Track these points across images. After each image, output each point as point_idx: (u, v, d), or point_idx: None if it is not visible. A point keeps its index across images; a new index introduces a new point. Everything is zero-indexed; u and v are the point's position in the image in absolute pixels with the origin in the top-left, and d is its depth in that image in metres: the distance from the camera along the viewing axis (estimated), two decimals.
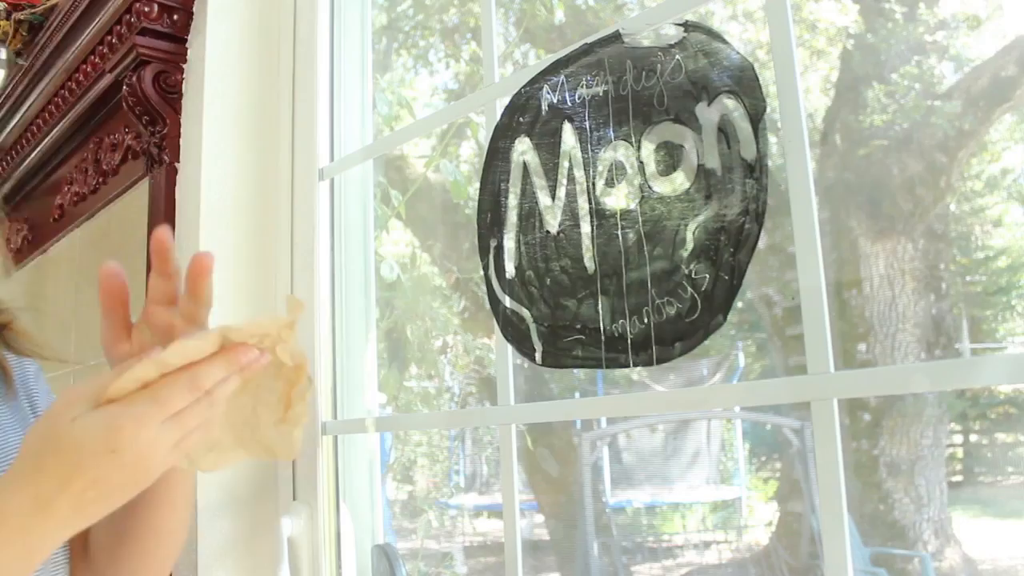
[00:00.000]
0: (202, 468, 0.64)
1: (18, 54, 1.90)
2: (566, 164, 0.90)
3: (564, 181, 0.91)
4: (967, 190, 7.29)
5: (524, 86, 0.96)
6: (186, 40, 1.44)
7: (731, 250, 0.78)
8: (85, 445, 0.54)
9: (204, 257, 0.66)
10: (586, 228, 0.88)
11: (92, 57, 1.60)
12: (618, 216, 0.89)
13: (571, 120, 0.90)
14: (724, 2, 6.68)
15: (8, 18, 1.79)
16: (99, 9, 1.54)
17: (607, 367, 0.88)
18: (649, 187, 0.87)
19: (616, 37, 0.87)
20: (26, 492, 0.53)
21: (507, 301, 0.94)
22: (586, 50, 0.90)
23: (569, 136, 0.90)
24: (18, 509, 0.53)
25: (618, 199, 0.89)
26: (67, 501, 0.54)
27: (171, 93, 1.43)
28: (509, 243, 0.95)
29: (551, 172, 0.92)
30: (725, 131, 0.76)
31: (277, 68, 1.41)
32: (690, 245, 0.83)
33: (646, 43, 0.87)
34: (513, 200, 0.96)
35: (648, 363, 0.84)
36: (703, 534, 7.41)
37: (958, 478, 8.49)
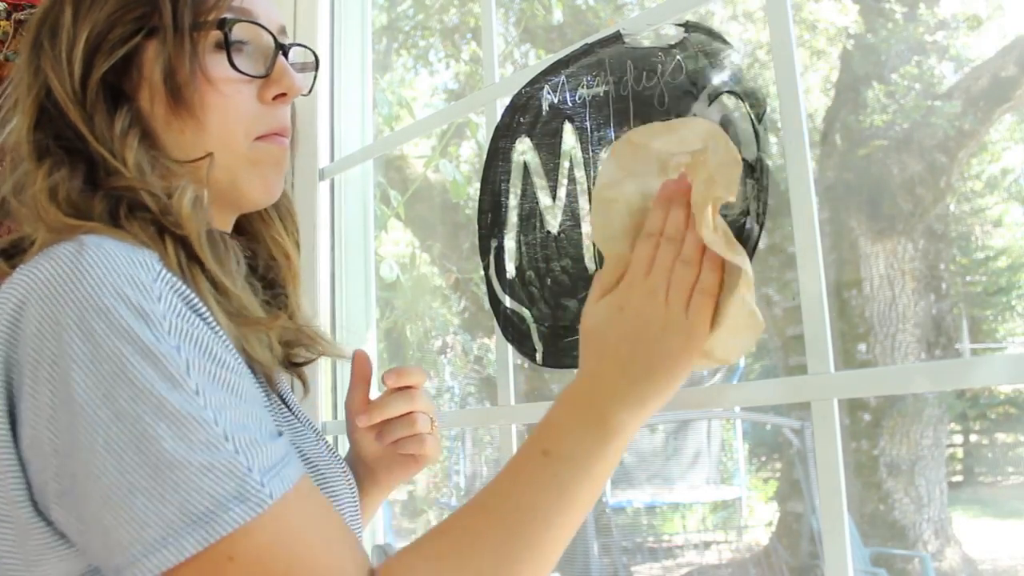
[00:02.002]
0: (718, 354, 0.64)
1: (18, 54, 1.90)
2: (566, 164, 0.90)
3: (565, 181, 0.91)
4: (967, 190, 7.29)
5: (524, 86, 0.96)
6: None
7: None
8: (641, 336, 0.61)
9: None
10: (587, 228, 0.88)
11: None
12: None
13: (571, 120, 0.90)
14: (724, 2, 6.68)
15: (8, 18, 1.79)
16: None
17: None
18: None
19: (617, 38, 0.87)
20: (622, 394, 0.59)
21: (507, 301, 0.94)
22: (586, 50, 0.90)
23: (569, 136, 0.90)
24: (625, 412, 0.59)
25: None
26: (653, 391, 0.60)
27: None
28: (510, 243, 0.95)
29: (552, 172, 0.92)
30: (725, 131, 0.76)
31: None
32: None
33: (646, 43, 0.87)
34: (514, 200, 0.96)
35: None
36: (703, 534, 7.41)
37: (958, 478, 8.50)
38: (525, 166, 0.95)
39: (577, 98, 0.90)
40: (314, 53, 0.79)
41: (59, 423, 0.52)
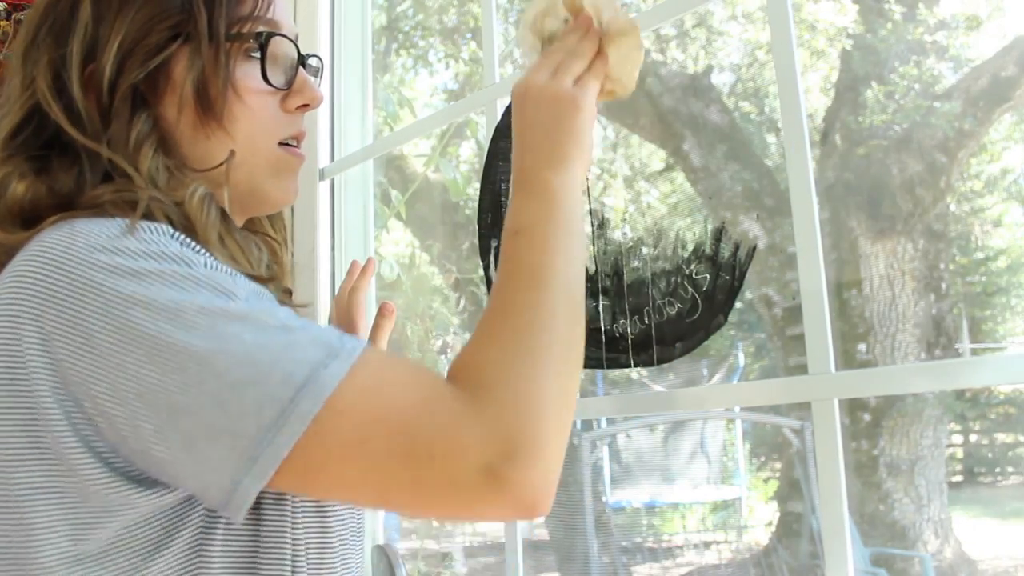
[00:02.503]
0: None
1: None
2: None
3: None
4: (967, 190, 7.29)
5: None
6: None
7: (732, 250, 0.78)
8: (540, 113, 0.68)
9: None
10: (586, 228, 0.88)
11: None
12: (618, 216, 0.89)
13: None
14: (724, 2, 6.68)
15: (8, 18, 1.79)
16: None
17: (608, 367, 0.88)
18: (649, 187, 0.87)
19: None
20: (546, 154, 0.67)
21: None
22: None
23: None
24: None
25: (618, 199, 0.89)
26: (565, 151, 0.67)
27: None
28: None
29: None
30: (726, 132, 0.76)
31: None
32: (691, 245, 0.83)
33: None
34: None
35: (649, 363, 0.84)
36: (703, 534, 7.41)
37: (958, 478, 8.50)
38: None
39: None
40: (321, 60, 0.81)
41: (133, 363, 0.53)
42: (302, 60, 0.74)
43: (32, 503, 0.55)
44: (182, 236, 0.60)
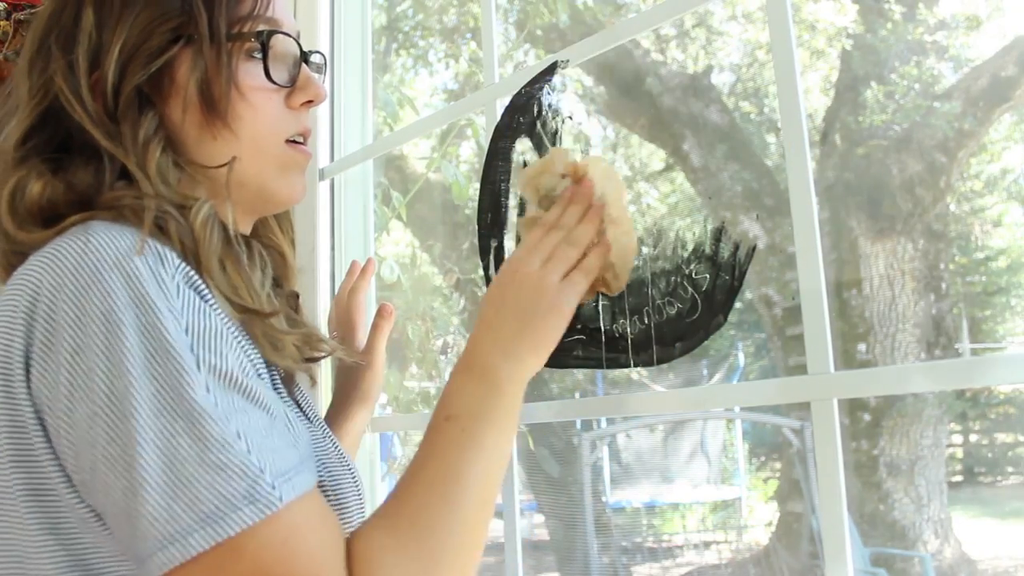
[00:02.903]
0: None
1: (18, 54, 1.90)
2: None
3: None
4: (967, 190, 7.29)
5: (524, 86, 0.96)
6: None
7: (731, 250, 0.78)
8: (517, 301, 0.68)
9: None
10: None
11: None
12: None
13: (571, 120, 0.90)
14: (724, 2, 6.68)
15: (8, 18, 1.79)
16: None
17: (607, 367, 0.88)
18: (649, 186, 0.87)
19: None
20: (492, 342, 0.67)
21: None
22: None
23: (569, 136, 0.90)
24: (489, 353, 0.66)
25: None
26: (526, 347, 0.67)
27: None
28: (510, 243, 0.95)
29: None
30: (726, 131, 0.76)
31: None
32: (690, 245, 0.83)
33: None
34: (513, 200, 0.96)
35: (648, 363, 0.84)
36: (703, 534, 7.42)
37: (958, 478, 8.50)
38: (525, 166, 0.95)
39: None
40: (324, 57, 0.81)
41: (81, 414, 0.53)
42: (304, 57, 0.74)
43: (11, 504, 0.57)
44: (186, 270, 0.59)
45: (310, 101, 0.74)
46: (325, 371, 1.27)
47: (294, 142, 0.73)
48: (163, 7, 0.67)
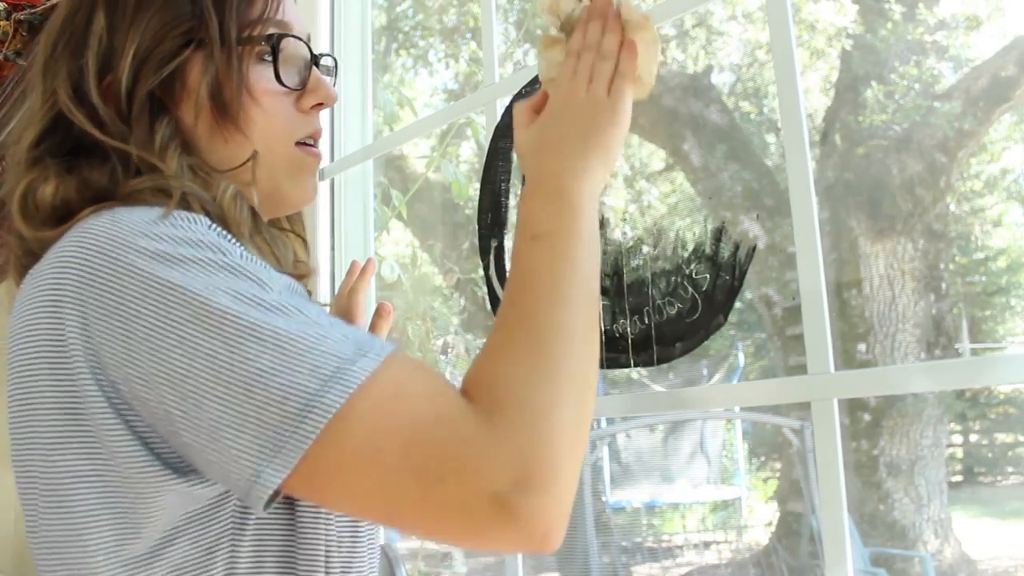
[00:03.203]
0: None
1: (18, 54, 1.90)
2: None
3: None
4: (967, 190, 7.29)
5: (524, 86, 0.96)
6: None
7: (731, 250, 0.78)
8: (575, 124, 0.68)
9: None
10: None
11: None
12: (619, 215, 0.89)
13: None
14: (724, 2, 6.68)
15: (8, 18, 1.79)
16: None
17: (608, 367, 0.88)
18: (650, 186, 0.87)
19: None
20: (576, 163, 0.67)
21: None
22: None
23: None
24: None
25: (619, 199, 0.89)
26: (595, 160, 0.67)
27: None
28: (510, 243, 0.95)
29: None
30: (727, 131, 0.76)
31: None
32: (690, 245, 0.83)
33: None
34: (513, 200, 0.96)
35: (649, 363, 0.84)
36: (703, 534, 7.41)
37: (958, 478, 8.50)
38: None
39: None
40: (334, 59, 0.81)
41: (165, 348, 0.53)
42: (315, 59, 0.74)
43: (74, 489, 0.57)
44: (218, 227, 0.60)
45: (321, 104, 0.74)
46: None
47: (304, 144, 0.74)
48: (174, 11, 0.67)
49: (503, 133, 0.99)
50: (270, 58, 0.70)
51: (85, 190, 0.64)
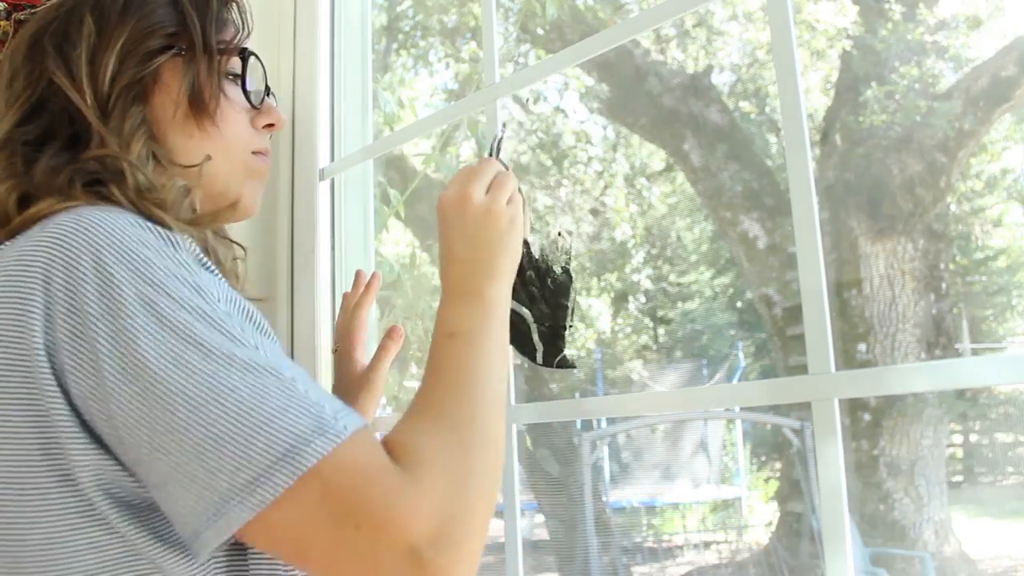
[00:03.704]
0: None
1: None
2: (566, 163, 0.91)
3: (565, 181, 0.91)
4: (967, 190, 7.29)
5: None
6: None
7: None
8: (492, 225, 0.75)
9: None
10: (587, 228, 0.88)
11: None
12: (619, 215, 0.89)
13: (570, 120, 0.90)
14: (724, 2, 6.68)
15: (8, 18, 1.79)
16: None
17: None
18: (649, 186, 0.87)
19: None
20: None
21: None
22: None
23: (569, 136, 0.90)
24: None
25: (619, 198, 0.89)
26: (500, 265, 0.75)
27: None
28: None
29: (552, 172, 0.92)
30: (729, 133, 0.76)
31: (277, 68, 1.41)
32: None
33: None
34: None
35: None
36: (703, 534, 7.42)
37: (958, 478, 8.50)
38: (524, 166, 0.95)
39: (577, 98, 0.90)
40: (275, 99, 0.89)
41: (128, 394, 0.54)
42: (268, 89, 0.84)
43: (55, 492, 0.57)
44: (198, 251, 0.63)
45: (271, 124, 0.83)
46: (323, 383, 1.27)
47: (258, 153, 0.82)
48: (159, 17, 0.75)
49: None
50: (235, 77, 0.79)
51: (42, 177, 0.67)
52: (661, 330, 10.36)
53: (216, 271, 0.63)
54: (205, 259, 0.63)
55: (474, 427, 0.62)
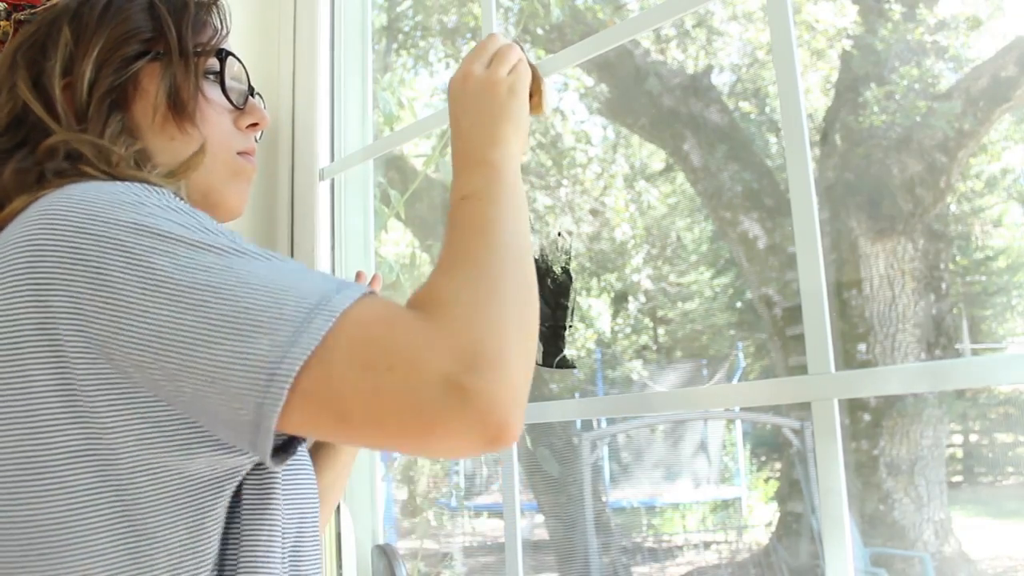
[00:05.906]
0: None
1: None
2: (566, 163, 0.90)
3: (565, 180, 0.91)
4: (967, 190, 7.29)
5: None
6: None
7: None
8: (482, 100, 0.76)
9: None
10: (588, 228, 0.88)
11: None
12: (618, 215, 0.89)
13: (570, 120, 0.90)
14: (724, 2, 6.68)
15: (8, 18, 1.79)
16: None
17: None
18: (648, 186, 0.87)
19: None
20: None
21: None
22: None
23: (569, 136, 0.90)
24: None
25: (619, 198, 0.89)
26: (505, 131, 0.75)
27: None
28: None
29: (551, 172, 0.92)
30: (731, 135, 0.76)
31: (277, 68, 1.41)
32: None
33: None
34: None
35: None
36: (703, 534, 7.42)
37: (958, 478, 8.49)
38: (524, 166, 0.95)
39: (577, 98, 0.90)
40: (261, 96, 0.89)
41: (155, 307, 0.56)
42: (251, 88, 0.83)
43: (72, 468, 0.58)
44: (180, 197, 0.65)
45: (256, 124, 0.82)
46: None
47: (243, 154, 0.81)
48: (136, 23, 0.75)
49: None
50: (214, 77, 0.79)
51: (14, 186, 0.68)
52: (661, 330, 10.36)
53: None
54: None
55: (497, 269, 0.62)
